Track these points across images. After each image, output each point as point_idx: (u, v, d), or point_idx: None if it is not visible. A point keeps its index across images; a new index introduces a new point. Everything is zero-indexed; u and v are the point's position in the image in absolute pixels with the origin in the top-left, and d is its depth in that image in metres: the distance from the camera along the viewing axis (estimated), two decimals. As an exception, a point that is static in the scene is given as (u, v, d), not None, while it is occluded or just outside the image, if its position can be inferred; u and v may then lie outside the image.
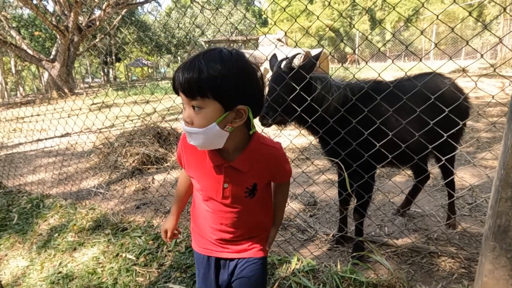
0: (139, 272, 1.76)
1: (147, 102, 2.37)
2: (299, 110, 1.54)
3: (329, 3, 1.68)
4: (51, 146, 5.44)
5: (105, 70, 32.49)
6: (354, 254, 1.78)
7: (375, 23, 29.59)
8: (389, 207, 2.43)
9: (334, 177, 3.02)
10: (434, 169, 2.65)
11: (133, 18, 30.23)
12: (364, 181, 1.65)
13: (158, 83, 21.38)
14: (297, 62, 1.75)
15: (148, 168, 3.75)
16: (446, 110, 1.37)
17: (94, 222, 2.28)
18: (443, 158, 1.55)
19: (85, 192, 3.12)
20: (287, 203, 1.15)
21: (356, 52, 18.76)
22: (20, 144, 6.06)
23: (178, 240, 1.94)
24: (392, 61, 1.70)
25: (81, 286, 1.75)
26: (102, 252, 1.96)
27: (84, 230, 2.21)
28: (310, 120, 1.57)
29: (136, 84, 22.00)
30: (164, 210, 2.55)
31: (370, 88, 1.61)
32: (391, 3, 25.79)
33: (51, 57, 19.57)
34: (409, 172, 2.51)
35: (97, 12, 18.30)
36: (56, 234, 2.21)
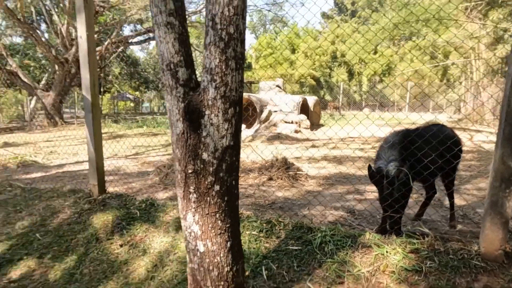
0: (264, 241, 2.65)
1: (154, 135, 3.31)
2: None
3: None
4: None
5: (92, 101, 32.59)
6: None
7: (352, 75, 32.42)
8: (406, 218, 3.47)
9: (358, 196, 4.06)
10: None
11: (125, 54, 31.41)
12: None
13: (155, 117, 22.14)
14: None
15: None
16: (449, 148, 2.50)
17: (211, 214, 3.14)
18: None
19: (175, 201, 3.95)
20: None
21: (340, 100, 20.60)
22: (63, 164, 6.72)
23: (285, 222, 2.84)
24: (367, 115, 2.84)
25: (222, 251, 2.60)
26: (229, 231, 2.83)
27: (205, 219, 3.06)
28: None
29: (125, 117, 22.70)
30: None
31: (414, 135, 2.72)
32: (368, 59, 28.67)
33: (41, 86, 20.29)
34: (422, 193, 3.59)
35: (97, 48, 19.27)
36: (184, 222, 3.04)
